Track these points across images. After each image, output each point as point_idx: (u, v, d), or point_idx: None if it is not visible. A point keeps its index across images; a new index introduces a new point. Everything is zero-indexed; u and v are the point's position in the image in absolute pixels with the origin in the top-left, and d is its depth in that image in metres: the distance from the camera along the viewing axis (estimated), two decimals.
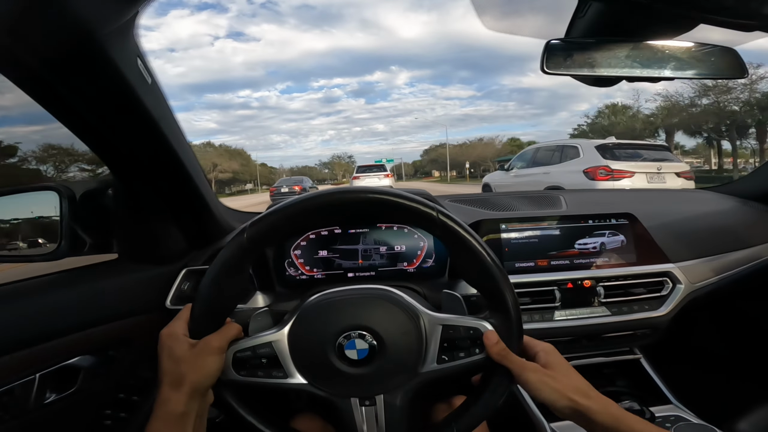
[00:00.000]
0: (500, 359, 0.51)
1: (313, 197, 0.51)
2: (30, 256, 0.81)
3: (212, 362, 0.49)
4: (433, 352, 0.53)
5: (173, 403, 0.46)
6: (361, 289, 0.57)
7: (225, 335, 0.51)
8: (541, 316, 0.87)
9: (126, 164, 0.69)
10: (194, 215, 0.83)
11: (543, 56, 0.62)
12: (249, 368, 0.52)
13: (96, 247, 0.79)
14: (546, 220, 0.93)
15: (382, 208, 0.52)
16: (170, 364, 0.48)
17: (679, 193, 1.38)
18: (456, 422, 0.53)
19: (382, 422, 0.53)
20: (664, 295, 0.92)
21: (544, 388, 0.49)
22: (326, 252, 0.90)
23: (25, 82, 0.52)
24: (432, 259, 0.91)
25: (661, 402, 0.90)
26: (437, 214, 0.51)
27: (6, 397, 0.58)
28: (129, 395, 0.80)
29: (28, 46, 0.46)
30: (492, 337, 0.51)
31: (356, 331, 0.53)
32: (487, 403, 0.53)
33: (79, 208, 0.75)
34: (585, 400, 0.48)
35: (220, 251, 0.51)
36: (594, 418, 0.47)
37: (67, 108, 0.56)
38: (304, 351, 0.53)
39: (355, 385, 0.53)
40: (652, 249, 0.93)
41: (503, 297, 0.52)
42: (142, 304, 0.77)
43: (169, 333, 0.51)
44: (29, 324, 0.61)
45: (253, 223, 0.51)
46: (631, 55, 0.63)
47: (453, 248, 0.54)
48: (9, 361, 0.57)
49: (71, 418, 0.71)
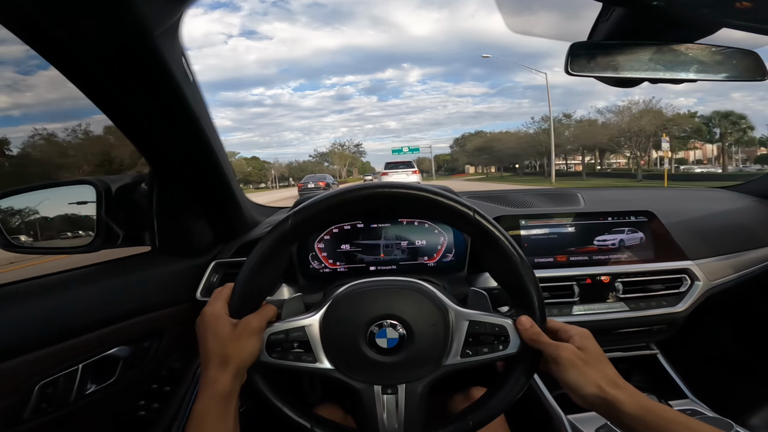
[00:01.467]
0: (533, 342, 0.52)
1: (355, 189, 0.54)
2: (66, 248, 0.84)
3: (253, 343, 0.51)
4: (457, 345, 0.55)
5: (221, 383, 0.48)
6: (393, 280, 0.59)
7: (263, 316, 0.53)
8: (560, 311, 0.88)
9: (165, 159, 0.71)
10: (223, 209, 0.85)
11: (567, 58, 0.64)
12: (281, 351, 0.54)
13: (129, 240, 0.82)
14: (566, 216, 0.94)
15: (419, 204, 0.55)
16: (216, 344, 0.50)
17: (696, 192, 1.38)
18: (473, 414, 0.55)
19: (402, 411, 0.54)
20: (682, 292, 0.93)
21: (574, 370, 0.49)
22: (348, 246, 0.92)
23: (77, 76, 0.55)
24: (452, 254, 0.93)
25: (677, 396, 0.91)
26: (473, 213, 0.54)
27: (50, 389, 0.59)
28: (161, 386, 0.82)
29: (85, 43, 0.49)
30: (526, 321, 0.53)
31: (388, 320, 0.55)
32: (505, 397, 0.55)
33: (114, 201, 0.78)
34: (614, 389, 0.47)
35: (263, 237, 0.53)
36: (622, 408, 0.46)
37: (116, 104, 0.59)
38: (335, 337, 0.55)
39: (381, 373, 0.55)
40: (670, 246, 0.94)
41: (529, 295, 0.54)
42: (174, 296, 0.80)
43: (212, 312, 0.52)
44: (74, 314, 0.64)
45: (298, 211, 0.53)
46: (654, 58, 0.65)
47: (484, 246, 0.56)
48: (54, 351, 0.59)
49: (108, 408, 0.73)
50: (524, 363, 0.55)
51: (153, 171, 0.77)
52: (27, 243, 0.81)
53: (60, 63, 0.51)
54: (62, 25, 0.46)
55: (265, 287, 0.56)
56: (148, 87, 0.57)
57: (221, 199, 0.83)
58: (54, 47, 0.50)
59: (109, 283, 0.72)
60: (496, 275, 0.60)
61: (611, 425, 0.49)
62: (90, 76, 0.54)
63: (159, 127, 0.64)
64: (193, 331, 0.53)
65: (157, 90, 0.57)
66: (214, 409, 0.47)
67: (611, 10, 0.64)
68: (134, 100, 0.58)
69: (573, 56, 0.64)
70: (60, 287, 0.66)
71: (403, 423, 0.54)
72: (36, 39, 0.48)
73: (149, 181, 0.80)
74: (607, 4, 0.63)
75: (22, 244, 0.80)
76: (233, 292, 0.54)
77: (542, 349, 0.52)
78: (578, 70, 0.64)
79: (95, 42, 0.48)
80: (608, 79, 0.70)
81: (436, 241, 0.93)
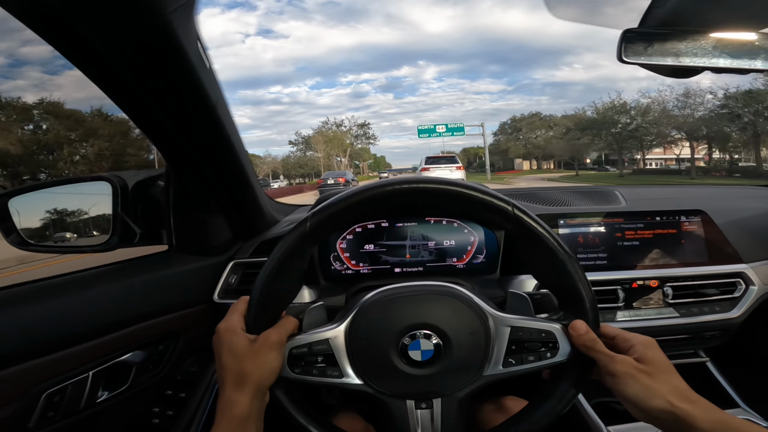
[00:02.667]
0: (587, 350, 0.47)
1: (379, 186, 0.49)
2: (82, 247, 0.81)
3: (273, 358, 0.46)
4: (498, 354, 0.50)
5: (238, 406, 0.43)
6: (425, 285, 0.54)
7: (283, 329, 0.49)
8: (603, 317, 0.81)
9: (181, 151, 0.68)
10: (242, 206, 0.82)
11: (620, 45, 0.60)
12: (304, 366, 0.50)
13: (146, 238, 0.79)
14: (609, 216, 0.88)
15: (450, 201, 0.50)
16: (232, 361, 0.46)
17: (748, 189, 1.29)
18: (516, 427, 0.50)
19: (438, 425, 0.50)
20: (737, 297, 0.86)
21: (634, 384, 0.45)
22: (372, 246, 0.87)
23: (89, 67, 0.51)
24: (482, 255, 0.87)
25: (728, 406, 0.86)
26: (512, 208, 0.49)
27: (57, 396, 0.56)
28: (176, 391, 0.79)
29: (96, 27, 0.45)
30: (581, 326, 0.48)
31: (422, 330, 0.50)
32: (552, 410, 0.50)
33: (130, 198, 0.75)
34: (685, 403, 0.43)
35: (281, 240, 0.49)
36: (695, 424, 0.42)
37: (129, 93, 0.55)
38: (363, 349, 0.50)
39: (415, 387, 0.50)
40: (724, 248, 0.87)
41: (580, 296, 0.49)
42: (192, 297, 0.76)
43: (227, 327, 0.48)
44: (85, 318, 0.60)
45: (317, 211, 0.48)
46: (718, 46, 0.61)
47: (526, 244, 0.51)
48: (62, 358, 0.56)
49: (121, 415, 0.70)
50: (575, 372, 0.50)
51: (169, 165, 0.73)
52: (42, 241, 0.79)
53: (70, 51, 0.48)
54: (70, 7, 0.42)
55: (283, 297, 0.52)
56: (162, 71, 0.53)
57: (239, 195, 0.79)
58: (64, 33, 0.46)
59: (125, 283, 0.68)
60: (541, 276, 0.54)
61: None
62: (102, 63, 0.50)
63: (174, 116, 0.60)
64: (209, 333, 0.49)
65: (172, 74, 0.53)
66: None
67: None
68: (147, 86, 0.54)
69: (627, 42, 0.60)
70: (71, 289, 0.62)
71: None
72: (46, 27, 0.45)
73: (165, 176, 0.76)
74: None
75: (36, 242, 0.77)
76: (249, 304, 0.49)
77: (597, 359, 0.47)
78: (633, 57, 0.60)
79: (106, 24, 0.45)
80: (662, 68, 0.66)
81: (465, 242, 0.88)
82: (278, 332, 0.48)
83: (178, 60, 0.51)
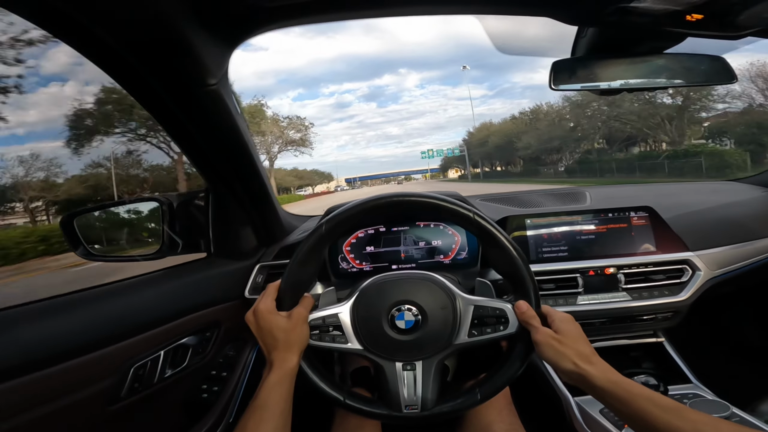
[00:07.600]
0: (526, 324, 0.62)
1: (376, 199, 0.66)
2: (137, 257, 1.00)
3: (305, 329, 0.64)
4: (464, 326, 0.66)
5: (290, 362, 0.60)
6: (410, 273, 0.71)
7: (307, 306, 0.66)
8: (565, 301, 0.96)
9: (219, 176, 0.86)
10: (265, 218, 0.99)
11: (550, 75, 0.71)
12: (319, 333, 0.66)
13: (188, 247, 0.97)
14: (570, 214, 1.02)
15: (428, 209, 0.67)
16: (281, 333, 0.61)
17: (705, 185, 1.41)
18: (480, 388, 0.66)
19: (420, 385, 0.65)
20: (684, 282, 0.98)
21: (548, 350, 0.57)
22: (373, 248, 1.04)
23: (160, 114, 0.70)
24: (465, 252, 1.03)
25: (682, 381, 0.95)
26: (473, 215, 0.65)
27: (141, 370, 0.72)
28: (219, 371, 0.97)
29: (166, 86, 0.63)
30: (522, 305, 0.63)
31: (405, 305, 0.66)
32: (507, 371, 0.65)
33: (175, 215, 0.93)
34: (586, 365, 0.54)
35: (303, 240, 0.66)
36: (593, 382, 0.52)
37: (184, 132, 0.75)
38: (363, 321, 0.67)
39: (401, 351, 0.66)
40: (670, 239, 0.99)
41: (525, 282, 0.65)
42: (228, 294, 0.94)
43: (267, 309, 0.63)
44: (153, 309, 0.77)
45: (330, 218, 0.66)
46: (629, 69, 0.71)
47: (485, 242, 0.67)
48: (142, 340, 0.72)
49: (179, 390, 0.88)
50: (523, 341, 0.65)
51: (210, 186, 0.91)
52: (103, 252, 0.97)
53: (147, 103, 0.67)
54: (145, 65, 0.58)
55: (305, 282, 0.69)
56: (213, 124, 0.71)
57: (263, 209, 0.97)
58: (143, 90, 0.65)
59: (179, 283, 0.86)
60: (497, 267, 0.70)
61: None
62: (168, 113, 0.69)
63: (216, 151, 0.79)
64: (243, 324, 0.65)
65: (216, 123, 0.71)
66: (286, 379, 0.59)
67: (585, 27, 0.71)
68: (199, 133, 0.73)
69: (556, 72, 0.71)
70: (142, 288, 0.80)
71: (420, 395, 0.65)
72: (127, 80, 0.63)
73: (205, 195, 0.94)
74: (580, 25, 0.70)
75: (99, 252, 0.96)
76: (281, 289, 0.66)
77: (530, 331, 0.61)
78: (561, 85, 0.71)
79: (171, 88, 0.63)
80: (593, 89, 0.76)
81: (450, 241, 1.04)
82: (304, 308, 0.65)
83: (223, 115, 0.70)
